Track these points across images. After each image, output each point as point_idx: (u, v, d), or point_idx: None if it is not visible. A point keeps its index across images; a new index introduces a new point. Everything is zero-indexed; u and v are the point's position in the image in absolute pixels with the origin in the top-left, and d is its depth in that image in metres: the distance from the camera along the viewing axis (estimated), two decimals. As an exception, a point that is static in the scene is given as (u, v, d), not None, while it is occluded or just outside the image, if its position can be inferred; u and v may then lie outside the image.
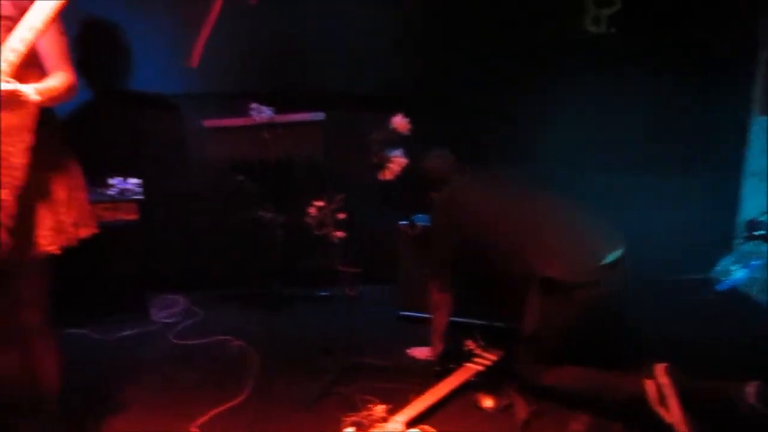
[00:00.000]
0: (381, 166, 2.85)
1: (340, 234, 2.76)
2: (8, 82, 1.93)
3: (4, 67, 1.92)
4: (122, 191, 3.34)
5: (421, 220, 3.19)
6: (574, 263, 2.42)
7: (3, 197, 2.12)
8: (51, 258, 2.20)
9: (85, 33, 3.26)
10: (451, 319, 2.80)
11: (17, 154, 2.14)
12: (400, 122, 2.87)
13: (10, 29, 2.09)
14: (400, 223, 3.27)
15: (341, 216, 2.76)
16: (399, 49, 3.55)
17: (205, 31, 3.47)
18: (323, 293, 3.62)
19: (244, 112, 3.32)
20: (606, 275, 2.40)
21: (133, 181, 3.37)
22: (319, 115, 3.42)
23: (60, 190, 2.26)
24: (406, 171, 2.88)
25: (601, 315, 2.48)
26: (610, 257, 2.41)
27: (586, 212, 2.60)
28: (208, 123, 3.41)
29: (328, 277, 2.99)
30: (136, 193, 3.34)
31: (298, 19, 3.52)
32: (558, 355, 2.45)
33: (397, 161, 2.85)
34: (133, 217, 3.33)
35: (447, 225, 2.74)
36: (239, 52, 3.52)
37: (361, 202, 3.03)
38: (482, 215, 2.64)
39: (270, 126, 3.33)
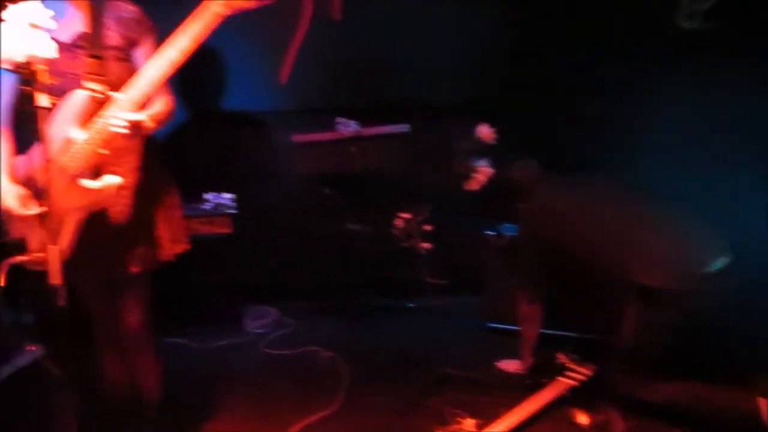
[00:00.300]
0: (467, 176, 2.83)
1: (426, 245, 2.76)
2: (136, 113, 2.04)
3: (137, 98, 2.04)
4: (216, 206, 3.47)
5: (509, 230, 3.13)
6: (673, 271, 2.30)
7: (111, 213, 2.26)
8: (151, 271, 2.32)
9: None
10: (541, 331, 2.73)
11: (126, 175, 2.28)
12: (485, 131, 2.84)
13: (117, 59, 2.23)
14: (487, 233, 3.23)
15: (427, 227, 2.76)
16: (483, 57, 3.51)
17: (294, 48, 3.58)
18: (410, 304, 3.62)
19: (331, 127, 3.39)
20: (708, 283, 2.27)
21: (227, 196, 3.50)
22: (404, 127, 3.44)
23: (158, 208, 2.38)
24: (492, 181, 2.84)
25: (703, 325, 2.35)
26: (713, 265, 2.28)
27: (685, 217, 2.47)
28: (297, 138, 3.50)
29: (415, 289, 2.99)
30: (230, 208, 3.47)
31: (381, 32, 3.56)
32: (657, 368, 2.34)
33: (483, 171, 2.82)
34: (226, 230, 3.45)
35: (535, 235, 2.68)
36: (325, 67, 3.59)
37: (447, 213, 3.01)
38: (572, 224, 2.57)
39: (356, 139, 3.39)
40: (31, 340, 2.41)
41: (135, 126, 2.06)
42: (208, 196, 3.49)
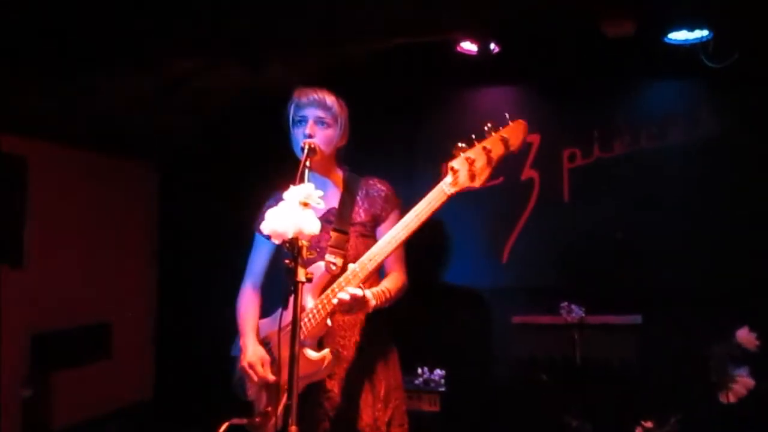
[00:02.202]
0: (723, 386, 2.45)
1: (668, 463, 2.38)
2: (359, 288, 2.08)
3: (361, 273, 2.09)
4: (427, 381, 3.36)
5: (770, 455, 2.62)
6: None
7: (329, 386, 2.23)
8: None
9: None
10: None
11: (347, 347, 2.27)
12: (746, 336, 2.49)
13: (360, 234, 2.32)
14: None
15: (672, 441, 2.39)
16: (732, 245, 3.18)
17: (518, 227, 3.54)
18: None
19: (554, 309, 3.20)
20: None
21: (438, 373, 3.38)
22: (636, 319, 3.15)
23: (381, 387, 2.31)
24: (752, 394, 2.44)
25: None
26: None
27: None
28: (517, 319, 3.35)
29: None
30: (440, 385, 3.34)
31: (613, 214, 3.40)
32: None
33: (743, 382, 2.44)
34: (434, 408, 3.30)
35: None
36: (550, 248, 3.48)
37: (693, 427, 2.60)
38: None
39: (580, 326, 3.15)
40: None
41: (355, 301, 2.07)
42: (421, 370, 3.39)
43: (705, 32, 3.06)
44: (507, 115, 2.14)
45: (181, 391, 3.93)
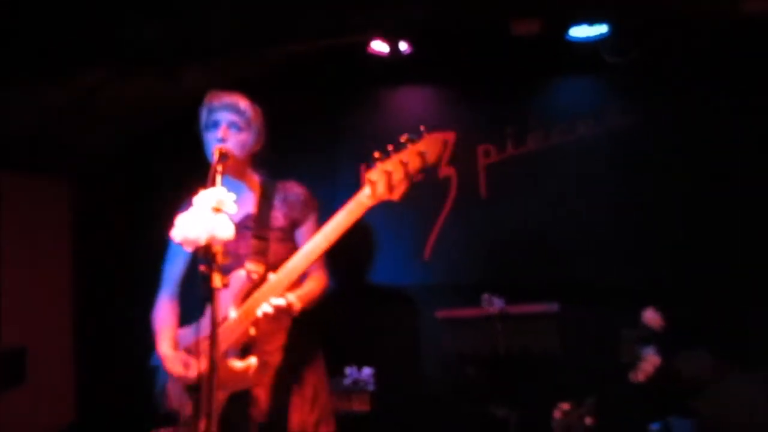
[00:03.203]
0: (632, 365, 2.58)
1: (588, 442, 2.48)
2: (282, 298, 2.08)
3: (283, 282, 2.08)
4: (356, 381, 3.38)
5: (680, 426, 2.77)
6: None
7: (255, 394, 2.22)
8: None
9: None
10: None
11: (273, 353, 2.27)
12: (652, 317, 2.63)
13: (280, 239, 2.32)
14: (653, 427, 2.87)
15: (589, 421, 2.49)
16: (641, 234, 3.34)
17: (438, 224, 3.61)
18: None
19: (477, 304, 3.28)
20: None
21: (367, 372, 3.41)
22: (554, 307, 3.25)
23: (308, 388, 2.32)
24: (660, 372, 2.57)
25: None
26: None
27: None
28: (440, 314, 3.41)
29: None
30: (369, 384, 3.36)
31: (530, 209, 3.52)
32: None
33: (651, 360, 2.57)
34: (365, 408, 3.33)
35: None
36: (471, 243, 3.57)
37: (607, 406, 2.72)
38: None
39: (502, 317, 3.24)
40: None
41: (281, 310, 2.07)
42: (349, 370, 3.41)
43: (604, 28, 3.21)
44: (422, 128, 2.14)
45: (104, 410, 3.80)
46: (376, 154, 2.10)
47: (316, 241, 2.11)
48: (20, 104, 3.09)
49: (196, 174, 2.23)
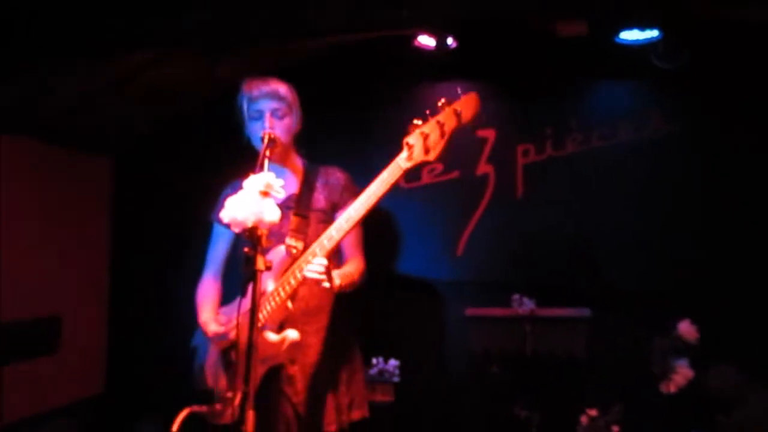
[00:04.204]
0: (663, 376, 2.56)
1: (613, 450, 2.47)
2: (321, 263, 2.09)
3: (320, 251, 2.10)
4: (381, 372, 3.40)
5: (707, 441, 2.74)
6: None
7: (292, 372, 2.25)
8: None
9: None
10: None
11: (312, 334, 2.29)
12: (687, 329, 2.60)
13: (320, 221, 2.34)
14: (680, 442, 2.85)
15: (616, 429, 2.48)
16: (678, 243, 3.29)
17: (473, 221, 3.60)
18: None
19: (506, 303, 3.28)
20: None
21: (393, 363, 3.42)
22: (585, 312, 3.24)
23: (342, 371, 2.34)
24: (691, 384, 2.55)
25: None
26: None
27: None
28: (470, 311, 3.41)
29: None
30: (394, 375, 3.38)
31: (566, 212, 3.50)
32: None
33: (682, 373, 2.55)
34: (388, 399, 3.34)
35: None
36: (504, 242, 3.55)
37: (634, 415, 2.70)
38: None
39: (531, 319, 3.24)
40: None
41: (321, 275, 2.08)
42: (375, 360, 3.43)
43: (655, 33, 3.16)
44: (459, 90, 2.18)
45: (133, 385, 3.88)
46: (415, 121, 2.11)
47: (355, 207, 2.11)
48: (65, 84, 3.16)
49: (235, 157, 2.28)
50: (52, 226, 3.64)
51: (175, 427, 2.06)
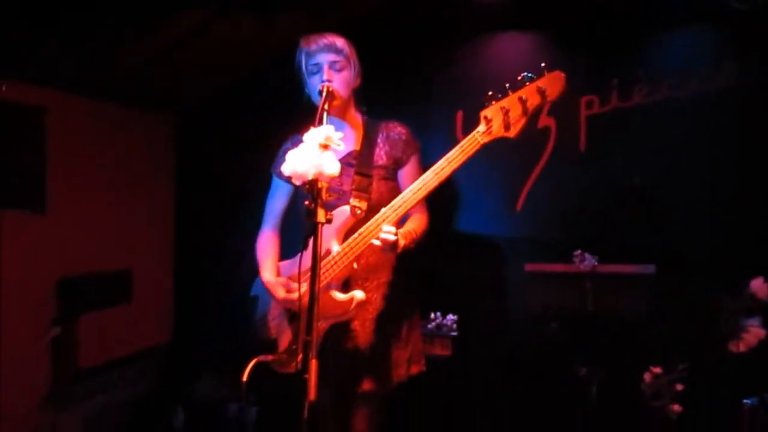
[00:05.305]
0: (732, 335, 2.48)
1: (677, 408, 2.42)
2: (391, 232, 2.10)
3: (392, 216, 2.11)
4: (439, 326, 3.42)
5: (776, 402, 2.66)
6: None
7: (352, 327, 2.28)
8: (386, 392, 2.27)
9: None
10: None
11: (373, 290, 2.31)
12: (760, 287, 2.50)
13: (383, 177, 2.33)
14: (746, 402, 2.76)
15: (679, 387, 2.42)
16: (746, 201, 3.14)
17: (533, 175, 3.53)
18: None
19: (567, 259, 3.23)
20: None
21: (451, 318, 3.44)
22: (649, 268, 3.15)
23: (402, 326, 2.36)
24: (763, 344, 2.46)
25: None
26: None
27: None
28: (530, 267, 3.37)
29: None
30: (452, 330, 3.40)
31: (630, 166, 3.38)
32: None
33: (754, 331, 2.46)
34: (446, 353, 3.37)
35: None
36: (566, 197, 3.46)
37: (699, 375, 2.64)
38: None
39: (592, 275, 3.17)
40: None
41: (388, 243, 2.10)
42: (433, 315, 3.45)
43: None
44: (543, 65, 2.10)
45: (199, 335, 4.04)
46: (490, 93, 2.06)
47: (425, 178, 2.10)
48: (128, 45, 3.22)
49: (294, 112, 2.28)
50: (120, 182, 3.77)
51: (245, 376, 2.12)
